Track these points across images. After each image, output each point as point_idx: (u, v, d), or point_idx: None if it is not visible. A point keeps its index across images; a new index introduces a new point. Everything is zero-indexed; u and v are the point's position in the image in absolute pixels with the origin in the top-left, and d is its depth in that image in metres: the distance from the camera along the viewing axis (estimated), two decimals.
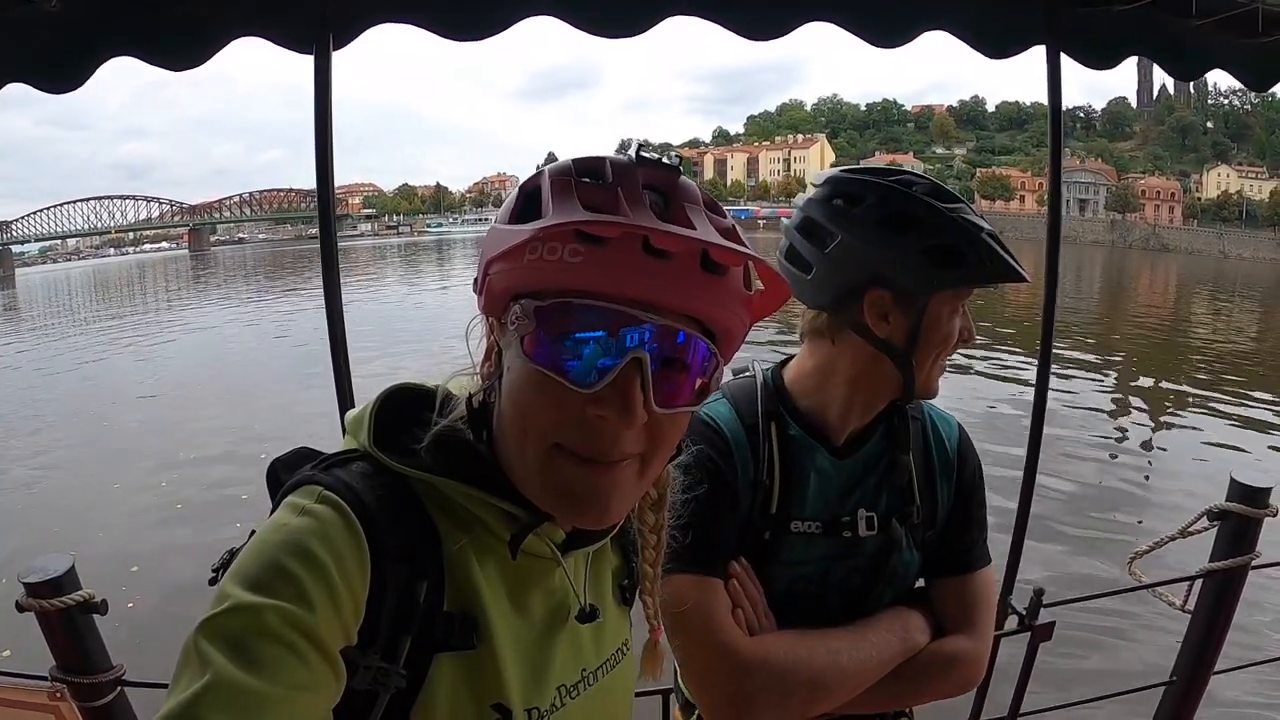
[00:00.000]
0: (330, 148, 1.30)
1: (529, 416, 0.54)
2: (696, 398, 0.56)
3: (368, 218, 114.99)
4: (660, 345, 0.53)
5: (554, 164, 0.56)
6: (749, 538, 0.99)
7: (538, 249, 0.51)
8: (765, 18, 1.37)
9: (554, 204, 0.51)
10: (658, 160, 0.54)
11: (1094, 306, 25.93)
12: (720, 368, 0.57)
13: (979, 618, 1.02)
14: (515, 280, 0.54)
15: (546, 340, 0.52)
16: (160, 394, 13.51)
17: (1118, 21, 1.53)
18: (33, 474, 9.02)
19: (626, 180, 0.52)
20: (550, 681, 0.62)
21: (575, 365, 0.52)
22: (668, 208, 0.53)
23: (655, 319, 0.52)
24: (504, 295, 0.55)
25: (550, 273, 0.51)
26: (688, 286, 0.52)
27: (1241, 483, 1.67)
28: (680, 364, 0.55)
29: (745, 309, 0.57)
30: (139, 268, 70.76)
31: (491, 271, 0.55)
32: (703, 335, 0.55)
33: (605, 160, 0.54)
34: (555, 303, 0.52)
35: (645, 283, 0.51)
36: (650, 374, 0.52)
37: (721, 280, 0.54)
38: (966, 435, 1.09)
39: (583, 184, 0.52)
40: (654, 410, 0.53)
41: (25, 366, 18.01)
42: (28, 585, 1.41)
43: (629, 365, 0.52)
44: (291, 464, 0.60)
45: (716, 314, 0.55)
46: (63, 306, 39.48)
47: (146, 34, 1.26)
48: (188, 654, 0.47)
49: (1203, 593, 1.74)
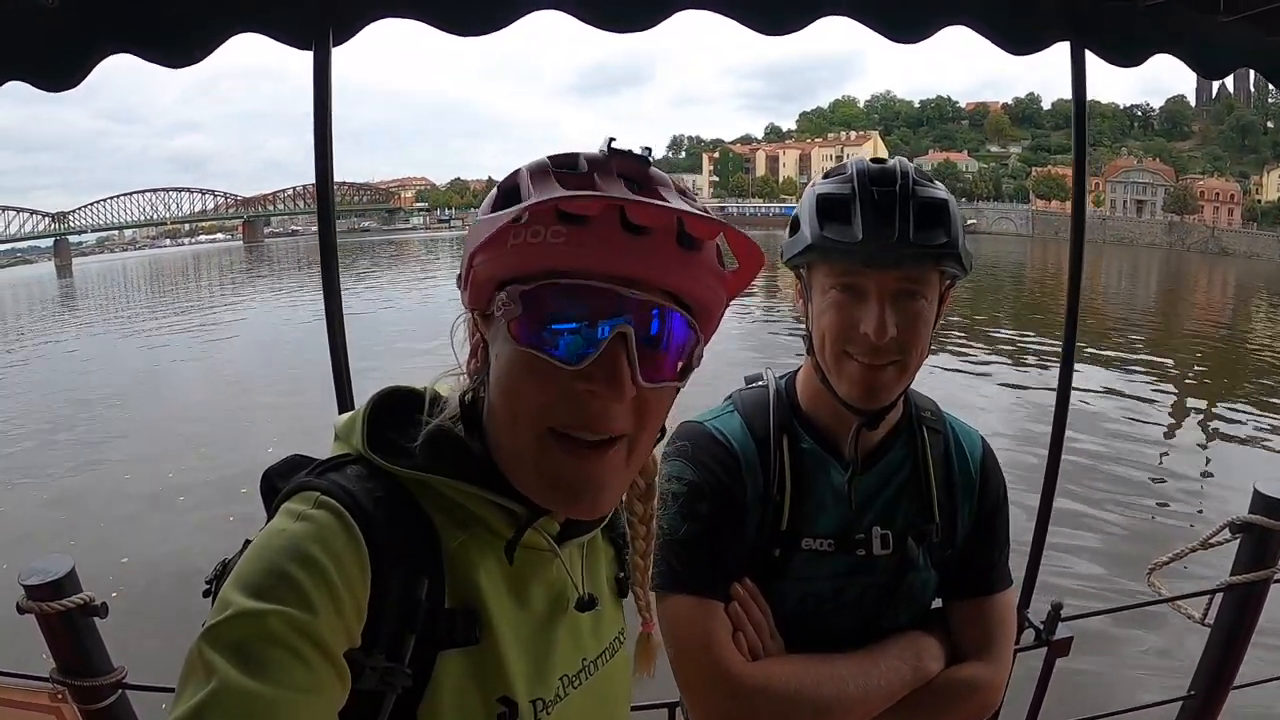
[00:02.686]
0: (330, 144, 1.28)
1: (519, 400, 0.56)
2: (681, 374, 0.59)
3: (420, 211, 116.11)
4: (643, 321, 0.55)
5: (530, 162, 0.57)
6: (759, 554, 0.96)
7: (521, 233, 0.53)
8: (779, 12, 1.32)
9: (535, 190, 0.53)
10: (629, 151, 0.56)
11: (1151, 310, 25.42)
12: (701, 344, 0.59)
13: (997, 643, 0.98)
14: (499, 268, 0.55)
15: (533, 322, 0.54)
16: (210, 384, 13.92)
17: (1142, 18, 1.50)
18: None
19: (601, 169, 0.54)
20: (553, 672, 0.63)
21: (562, 344, 0.54)
22: (642, 191, 0.54)
23: (637, 294, 0.54)
24: (489, 284, 0.57)
25: (534, 256, 0.53)
26: (666, 261, 0.54)
27: (1265, 494, 1.62)
28: (663, 338, 0.57)
29: (722, 284, 0.59)
30: (194, 258, 72.40)
31: (475, 263, 0.57)
32: (682, 310, 0.57)
33: (579, 155, 0.56)
34: (540, 285, 0.54)
35: (626, 259, 0.53)
36: (634, 348, 0.54)
37: (698, 255, 0.56)
38: (991, 451, 1.05)
39: (561, 173, 0.54)
40: (640, 384, 0.55)
41: (75, 355, 18.80)
42: (28, 588, 1.40)
43: (614, 340, 0.54)
44: (285, 471, 0.61)
45: (694, 288, 0.57)
46: (118, 295, 41.35)
47: (144, 31, 1.24)
48: (192, 663, 0.47)
49: (1223, 606, 1.70)
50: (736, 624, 0.92)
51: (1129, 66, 1.55)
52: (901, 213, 0.85)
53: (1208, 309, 27.08)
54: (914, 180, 0.88)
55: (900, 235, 0.85)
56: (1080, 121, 1.54)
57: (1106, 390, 12.05)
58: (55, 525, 7.43)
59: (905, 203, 0.86)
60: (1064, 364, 1.59)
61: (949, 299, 0.94)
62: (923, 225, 0.86)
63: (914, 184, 0.88)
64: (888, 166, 0.90)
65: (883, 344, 0.86)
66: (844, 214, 0.88)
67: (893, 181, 0.88)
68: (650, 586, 0.94)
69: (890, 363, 0.88)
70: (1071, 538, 6.36)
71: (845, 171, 0.92)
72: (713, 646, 0.89)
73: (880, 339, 0.86)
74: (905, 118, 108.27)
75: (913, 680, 0.93)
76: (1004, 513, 1.03)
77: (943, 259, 0.87)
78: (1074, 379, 1.59)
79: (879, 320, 0.86)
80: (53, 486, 8.81)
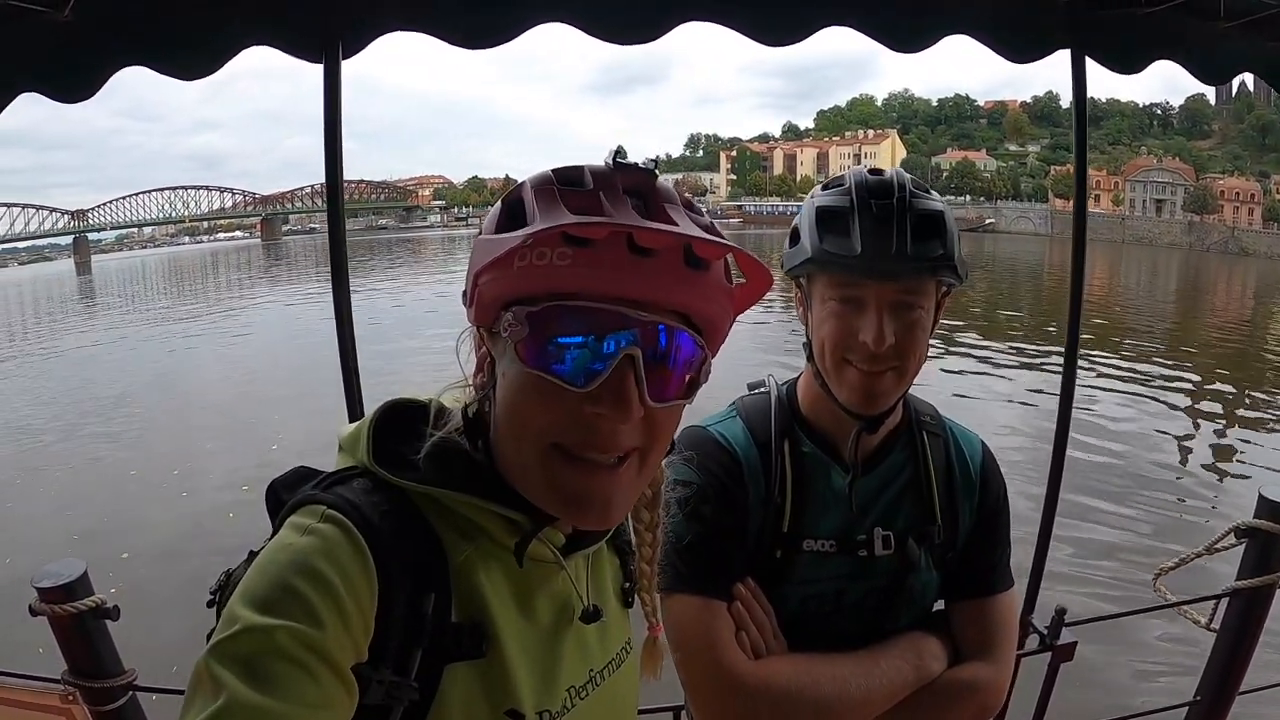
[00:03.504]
0: (340, 154, 1.30)
1: (526, 420, 0.56)
2: (688, 390, 0.58)
3: (438, 209, 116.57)
4: (650, 341, 0.55)
5: (534, 175, 0.57)
6: (761, 556, 0.97)
7: (527, 255, 0.53)
8: (781, 23, 1.34)
9: (540, 210, 0.53)
10: (634, 165, 0.56)
11: (1169, 312, 25.00)
12: (708, 360, 0.59)
13: (999, 643, 0.99)
14: (505, 288, 0.55)
15: (540, 344, 0.54)
16: (231, 381, 14.03)
17: (1143, 24, 1.51)
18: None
19: (607, 185, 0.54)
20: (560, 684, 0.62)
21: (570, 366, 0.54)
22: (648, 209, 0.54)
23: (644, 316, 0.54)
24: (495, 304, 0.56)
25: (540, 277, 0.53)
26: (673, 282, 0.54)
27: (1271, 499, 1.62)
28: (671, 358, 0.56)
29: (729, 301, 0.59)
30: (212, 255, 73.00)
31: (481, 282, 0.56)
32: (690, 329, 0.57)
33: (584, 169, 0.56)
34: (547, 307, 0.53)
35: (632, 281, 0.53)
36: (643, 370, 0.54)
37: (705, 274, 0.56)
38: (991, 455, 1.06)
39: (565, 190, 0.54)
40: (649, 404, 0.55)
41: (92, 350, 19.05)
42: (40, 590, 1.42)
43: (622, 362, 0.53)
44: (291, 484, 0.60)
45: (702, 307, 0.57)
46: (136, 292, 41.93)
47: (157, 44, 1.26)
48: (199, 678, 0.47)
49: (1229, 611, 1.69)
50: (739, 623, 0.93)
51: (1130, 73, 1.56)
52: (899, 226, 0.87)
53: (1225, 312, 26.68)
54: (911, 192, 0.90)
55: (898, 248, 0.87)
56: (1081, 126, 1.56)
57: (1124, 392, 11.86)
58: (65, 520, 7.48)
59: (903, 215, 0.88)
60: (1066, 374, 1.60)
61: (945, 305, 0.96)
62: (920, 237, 0.88)
63: (911, 196, 0.90)
64: (885, 178, 0.92)
65: (881, 352, 0.88)
66: (843, 227, 0.90)
67: (890, 194, 0.89)
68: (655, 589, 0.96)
69: (889, 369, 0.90)
70: (1091, 531, 6.35)
71: (844, 183, 0.94)
72: (716, 645, 0.91)
73: (879, 348, 0.87)
74: (923, 116, 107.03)
75: (915, 680, 0.94)
76: (1005, 514, 1.04)
77: (939, 270, 0.89)
78: (1094, 381, 1.59)
79: (878, 330, 0.87)
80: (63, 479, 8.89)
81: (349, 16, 1.28)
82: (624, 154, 0.56)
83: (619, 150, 0.56)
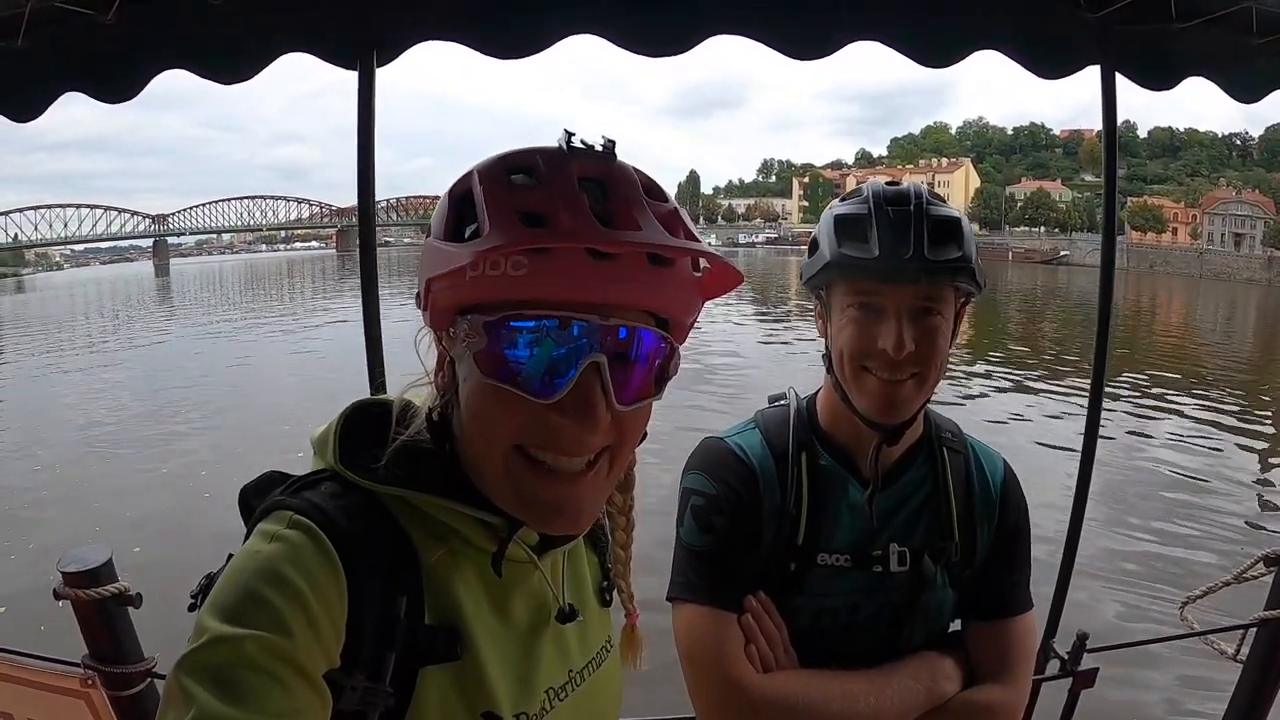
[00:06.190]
0: (372, 164, 1.33)
1: (491, 428, 0.54)
2: (657, 386, 0.57)
3: None
4: (614, 345, 0.53)
5: (482, 163, 0.54)
6: (774, 568, 0.96)
7: (479, 265, 0.50)
8: (810, 37, 1.35)
9: (490, 215, 0.50)
10: (590, 149, 0.53)
11: (1246, 353, 23.18)
12: (676, 352, 0.57)
13: (1016, 666, 0.97)
14: (460, 296, 0.53)
15: (499, 354, 0.52)
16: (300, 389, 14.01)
17: (1175, 40, 1.48)
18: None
19: (561, 177, 0.51)
20: (538, 685, 0.62)
21: (532, 377, 0.52)
22: (606, 201, 0.51)
23: (607, 321, 0.51)
24: (449, 311, 0.54)
25: (495, 287, 0.50)
26: (636, 283, 0.52)
27: None
28: (637, 360, 0.54)
29: (696, 290, 0.57)
30: (287, 264, 74.87)
31: (434, 289, 0.54)
32: (656, 326, 0.55)
33: (536, 153, 0.53)
34: (504, 316, 0.51)
35: (593, 286, 0.50)
36: (608, 376, 0.52)
37: (669, 270, 0.53)
38: (1013, 475, 1.04)
39: (516, 188, 0.51)
40: (616, 409, 0.53)
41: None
42: (65, 574, 1.45)
43: (587, 370, 0.51)
44: (261, 489, 0.59)
45: (667, 304, 0.55)
46: (211, 295, 42.78)
47: (197, 48, 1.30)
48: (170, 692, 0.46)
49: (1256, 642, 1.65)
50: (749, 636, 0.93)
51: (1161, 90, 1.54)
52: (916, 230, 0.87)
53: None
54: (927, 200, 0.91)
55: (915, 252, 0.87)
56: (1111, 148, 1.53)
57: (1197, 435, 11.00)
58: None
59: (920, 220, 0.88)
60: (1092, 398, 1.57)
61: (964, 315, 0.96)
62: (937, 242, 0.88)
63: (927, 203, 0.90)
64: (902, 188, 0.93)
65: (901, 359, 0.87)
66: (861, 232, 0.90)
67: (907, 201, 0.90)
68: (666, 596, 0.96)
69: (908, 376, 0.90)
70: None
71: (862, 193, 0.95)
72: (724, 657, 0.90)
73: (898, 354, 0.87)
74: (997, 144, 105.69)
75: (926, 701, 0.93)
76: (1025, 535, 1.03)
77: (957, 274, 0.89)
78: (1173, 423, 1.55)
79: (897, 336, 0.87)
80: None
81: (383, 26, 1.31)
82: (576, 136, 0.53)
83: (570, 133, 0.53)
